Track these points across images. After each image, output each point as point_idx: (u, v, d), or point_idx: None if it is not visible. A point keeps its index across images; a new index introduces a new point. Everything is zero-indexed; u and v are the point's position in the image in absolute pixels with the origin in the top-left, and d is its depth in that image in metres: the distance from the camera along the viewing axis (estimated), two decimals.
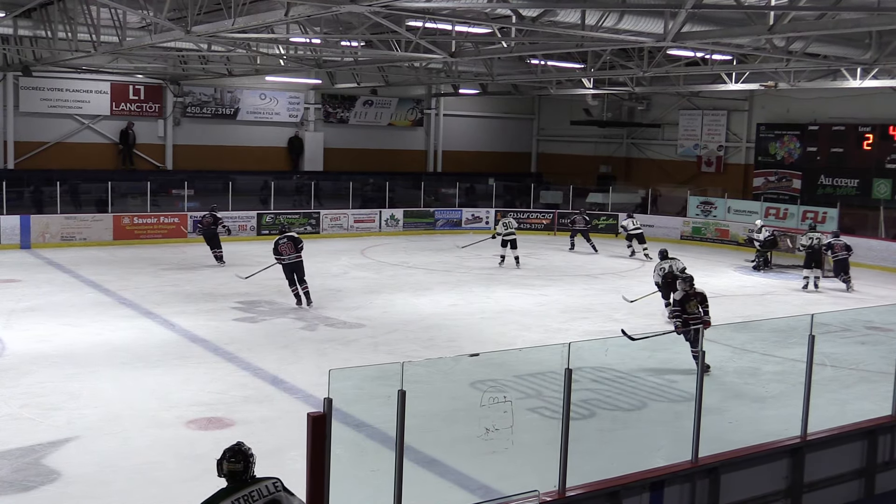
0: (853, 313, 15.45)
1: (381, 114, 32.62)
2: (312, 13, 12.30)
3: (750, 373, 12.37)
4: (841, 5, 11.91)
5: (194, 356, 12.60)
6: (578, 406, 8.97)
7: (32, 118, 26.24)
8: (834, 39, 16.44)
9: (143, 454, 8.81)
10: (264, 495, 5.13)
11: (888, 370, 8.79)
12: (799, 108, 27.51)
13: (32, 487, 7.97)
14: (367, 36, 17.25)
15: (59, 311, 15.26)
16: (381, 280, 19.50)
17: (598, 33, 14.17)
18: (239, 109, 29.65)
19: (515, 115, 35.70)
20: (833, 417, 8.45)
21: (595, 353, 10.91)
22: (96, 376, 11.45)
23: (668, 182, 31.22)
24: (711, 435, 7.36)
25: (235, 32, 14.63)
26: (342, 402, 5.58)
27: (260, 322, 15.04)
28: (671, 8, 12.64)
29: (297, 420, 6.80)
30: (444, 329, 14.64)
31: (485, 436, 6.25)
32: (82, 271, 19.34)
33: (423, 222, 29.17)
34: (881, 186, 25.43)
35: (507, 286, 19.07)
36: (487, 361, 10.72)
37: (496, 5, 13.11)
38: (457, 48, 17.67)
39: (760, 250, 22.32)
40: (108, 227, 23.85)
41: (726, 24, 14.63)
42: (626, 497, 6.68)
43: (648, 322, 15.68)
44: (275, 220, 26.35)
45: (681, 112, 31.49)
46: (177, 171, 28.08)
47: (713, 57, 19.86)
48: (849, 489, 8.18)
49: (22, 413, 9.95)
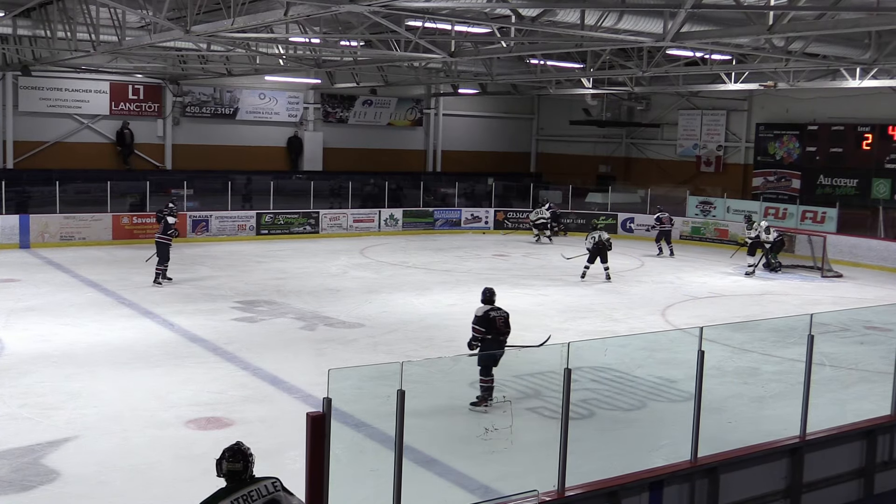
0: (852, 313, 15.46)
1: (380, 113, 32.62)
2: (312, 13, 12.30)
3: (749, 372, 12.37)
4: (840, 5, 11.91)
5: (193, 356, 12.59)
6: (578, 406, 8.98)
7: (32, 118, 26.25)
8: (833, 39, 16.45)
9: (142, 454, 8.81)
10: (263, 495, 5.12)
11: (887, 370, 8.79)
12: (798, 108, 27.52)
13: (32, 487, 7.97)
14: (366, 36, 17.25)
15: (59, 311, 15.26)
16: (381, 280, 19.50)
17: (598, 33, 14.17)
18: (238, 109, 29.65)
19: (515, 114, 35.71)
20: (832, 417, 8.45)
21: (594, 352, 10.91)
22: (95, 376, 11.44)
23: (667, 182, 31.21)
24: (710, 435, 7.36)
25: (235, 32, 14.63)
26: (341, 402, 5.58)
27: (259, 322, 15.03)
28: (670, 8, 12.65)
29: (297, 420, 6.80)
30: (444, 329, 14.63)
31: (484, 435, 6.26)
32: (81, 271, 19.33)
33: (422, 222, 29.17)
34: (880, 186, 25.45)
35: (507, 286, 19.03)
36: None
37: (495, 5, 13.11)
38: (456, 48, 17.68)
39: (770, 251, 22.32)
40: (107, 227, 23.83)
41: (725, 24, 14.64)
42: (626, 497, 6.68)
43: (648, 322, 15.70)
44: (274, 220, 26.38)
45: (680, 112, 31.50)
46: (176, 170, 28.09)
47: (712, 57, 19.86)
48: (848, 489, 8.19)
49: (21, 413, 9.95)
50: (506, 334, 10.13)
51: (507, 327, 10.15)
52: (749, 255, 21.86)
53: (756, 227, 21.88)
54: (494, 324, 10.05)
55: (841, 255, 23.21)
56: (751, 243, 21.91)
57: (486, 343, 10.04)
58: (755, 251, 21.84)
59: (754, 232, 21.87)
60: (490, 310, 10.16)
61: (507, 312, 10.22)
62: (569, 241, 26.36)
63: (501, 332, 10.09)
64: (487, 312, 10.12)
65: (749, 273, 21.57)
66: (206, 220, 25.28)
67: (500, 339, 10.09)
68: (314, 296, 17.27)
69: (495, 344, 10.01)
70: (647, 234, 28.50)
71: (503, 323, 10.11)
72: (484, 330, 10.02)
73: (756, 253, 21.87)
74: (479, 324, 10.05)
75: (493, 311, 10.16)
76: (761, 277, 21.46)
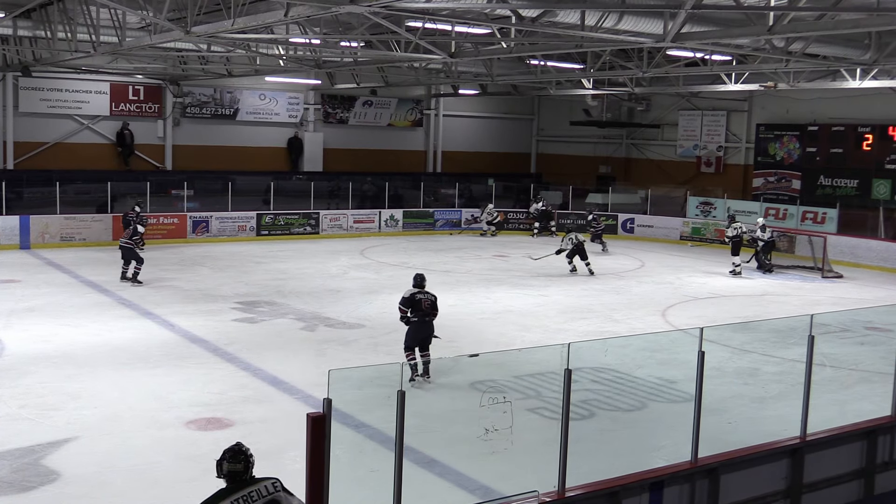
0: (852, 314, 15.44)
1: (380, 114, 32.62)
2: (312, 14, 12.29)
3: (749, 373, 12.37)
4: (840, 6, 11.90)
5: (194, 356, 12.59)
6: (578, 406, 8.98)
7: (32, 118, 26.24)
8: (833, 40, 16.45)
9: (142, 455, 8.81)
10: (263, 495, 5.12)
11: (887, 370, 8.79)
12: (798, 109, 27.51)
13: (32, 488, 7.97)
14: (366, 36, 17.25)
15: (59, 312, 15.26)
16: (381, 280, 19.50)
17: (598, 34, 14.17)
18: (238, 110, 29.65)
19: (515, 115, 35.70)
20: (832, 418, 8.45)
21: (594, 353, 10.92)
22: (96, 377, 11.44)
23: (667, 183, 31.21)
24: (711, 435, 7.36)
25: (235, 33, 14.64)
26: (342, 403, 5.58)
27: (259, 322, 15.03)
28: (671, 8, 12.64)
29: (297, 420, 6.80)
30: (444, 329, 14.53)
31: (484, 436, 6.25)
32: (82, 271, 19.34)
33: (422, 223, 29.17)
34: (880, 187, 25.43)
35: (507, 287, 19.07)
36: (487, 362, 10.74)
37: (496, 6, 13.10)
38: (456, 49, 17.68)
39: (762, 251, 22.29)
40: (107, 228, 23.83)
41: (726, 25, 14.64)
42: (626, 497, 6.68)
43: (648, 323, 15.70)
44: (274, 221, 26.37)
45: (680, 112, 31.49)
46: (176, 171, 28.09)
47: (713, 57, 19.86)
48: (848, 489, 8.18)
49: (21, 413, 9.95)
50: (431, 315, 11.32)
51: (433, 309, 11.35)
52: (733, 254, 21.77)
53: (736, 227, 21.85)
54: (420, 305, 11.22)
55: (841, 256, 23.20)
56: (733, 243, 21.85)
57: (413, 323, 11.23)
58: (738, 250, 21.74)
59: (732, 231, 21.86)
60: (417, 292, 11.34)
61: (434, 296, 11.45)
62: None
63: (427, 313, 11.25)
64: (414, 294, 11.31)
65: (735, 273, 21.47)
66: (206, 220, 25.28)
67: (426, 319, 11.27)
68: (314, 296, 17.27)
69: (422, 324, 11.21)
70: (646, 235, 28.58)
71: (429, 305, 11.29)
72: (408, 309, 11.22)
73: (740, 252, 21.76)
74: (405, 304, 11.30)
75: (419, 293, 11.33)
76: (761, 277, 21.46)
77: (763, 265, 22.21)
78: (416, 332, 11.27)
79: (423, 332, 11.28)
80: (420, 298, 11.25)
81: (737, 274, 21.49)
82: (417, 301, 11.24)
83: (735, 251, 21.76)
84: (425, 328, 11.28)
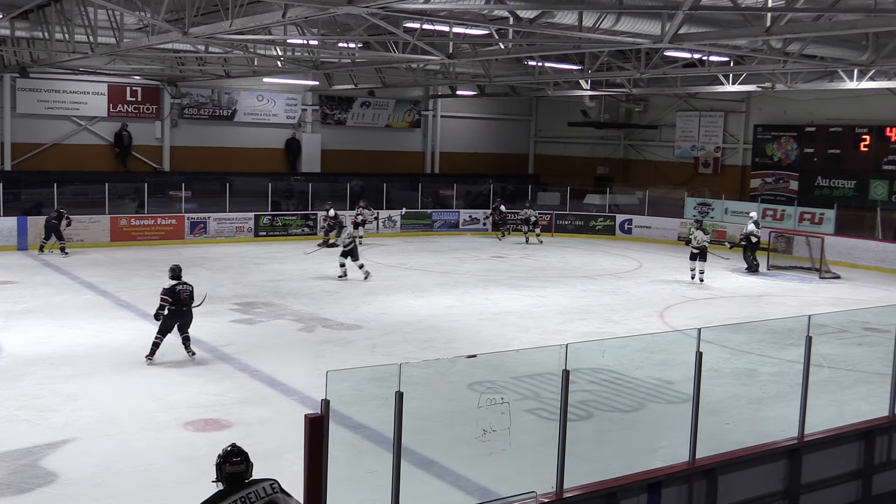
0: (850, 314, 15.44)
1: (378, 115, 32.62)
2: (310, 15, 12.30)
3: (747, 374, 12.37)
4: (838, 7, 11.92)
5: (192, 358, 12.57)
6: (576, 407, 8.98)
7: (30, 119, 26.24)
8: (831, 41, 16.47)
9: (140, 456, 8.80)
10: (262, 497, 5.11)
11: (885, 371, 8.79)
12: (796, 110, 27.55)
13: (29, 489, 7.96)
14: (364, 37, 17.26)
15: (57, 313, 15.24)
16: (379, 281, 19.49)
17: (596, 35, 14.18)
18: (236, 111, 29.65)
19: (513, 116, 35.72)
20: (830, 418, 8.45)
21: (592, 354, 10.90)
22: (94, 378, 11.43)
23: (665, 183, 31.24)
24: (709, 436, 7.37)
25: (233, 34, 14.64)
26: (340, 404, 5.58)
27: (257, 324, 15.02)
28: (668, 9, 12.66)
29: (295, 422, 6.79)
30: (442, 330, 14.64)
31: (482, 437, 6.24)
32: (80, 273, 19.31)
33: (420, 224, 29.16)
34: (878, 187, 25.48)
35: (505, 288, 19.07)
36: (485, 363, 10.71)
37: (493, 7, 13.11)
38: (454, 50, 17.68)
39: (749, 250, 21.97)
40: (105, 229, 23.81)
41: (723, 26, 14.65)
42: (624, 498, 6.68)
43: (646, 324, 15.71)
44: (272, 222, 26.36)
45: (678, 113, 31.52)
46: (174, 172, 28.08)
47: (710, 58, 19.88)
48: (846, 490, 8.19)
49: (19, 415, 9.93)
50: (189, 304, 12.26)
51: (191, 299, 12.29)
52: (700, 260, 20.36)
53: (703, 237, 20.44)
54: (179, 296, 12.16)
55: (839, 257, 23.21)
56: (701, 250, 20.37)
57: (171, 312, 12.14)
58: (706, 256, 20.33)
59: (708, 237, 20.64)
60: (176, 284, 12.23)
61: (192, 286, 12.41)
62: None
63: (185, 303, 12.21)
64: (174, 286, 12.19)
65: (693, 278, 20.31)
66: (204, 221, 25.26)
67: (184, 308, 12.24)
68: (312, 297, 17.26)
69: (180, 313, 12.19)
70: (644, 236, 28.57)
71: (188, 296, 12.24)
72: (170, 300, 12.09)
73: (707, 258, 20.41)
74: (167, 294, 12.14)
75: (179, 285, 12.24)
76: (752, 275, 21.47)
77: (750, 265, 22.16)
78: (174, 319, 12.20)
79: (182, 319, 12.25)
80: (179, 290, 12.18)
81: (702, 281, 20.28)
82: (177, 293, 12.15)
83: (703, 256, 20.31)
84: (185, 316, 12.26)
